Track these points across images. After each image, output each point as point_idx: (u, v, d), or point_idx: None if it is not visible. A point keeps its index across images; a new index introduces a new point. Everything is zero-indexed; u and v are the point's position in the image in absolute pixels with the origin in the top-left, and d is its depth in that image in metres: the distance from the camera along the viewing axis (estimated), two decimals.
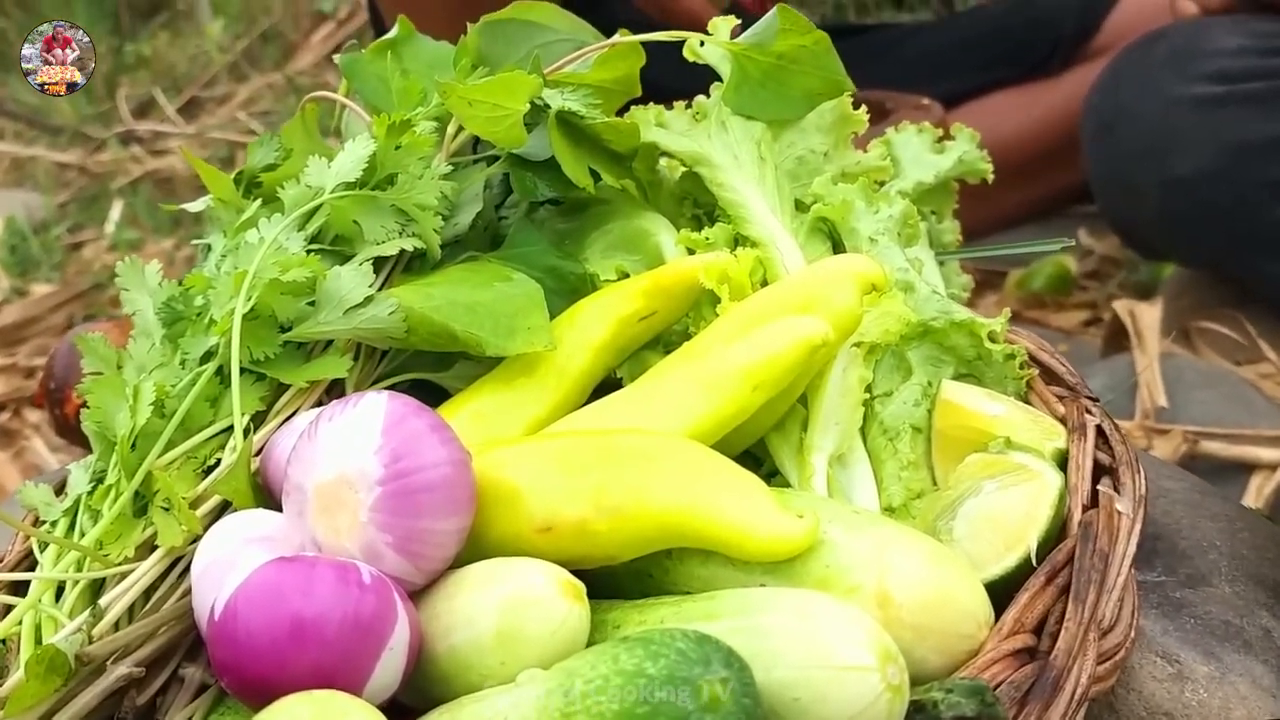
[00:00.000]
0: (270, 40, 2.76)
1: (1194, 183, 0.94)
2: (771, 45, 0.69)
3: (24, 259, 2.07)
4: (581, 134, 0.69)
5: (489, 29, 0.74)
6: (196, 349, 0.63)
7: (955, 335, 0.60)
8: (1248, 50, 0.96)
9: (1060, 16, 1.42)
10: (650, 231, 0.68)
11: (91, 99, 2.84)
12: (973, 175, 0.78)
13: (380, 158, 0.66)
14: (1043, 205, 1.50)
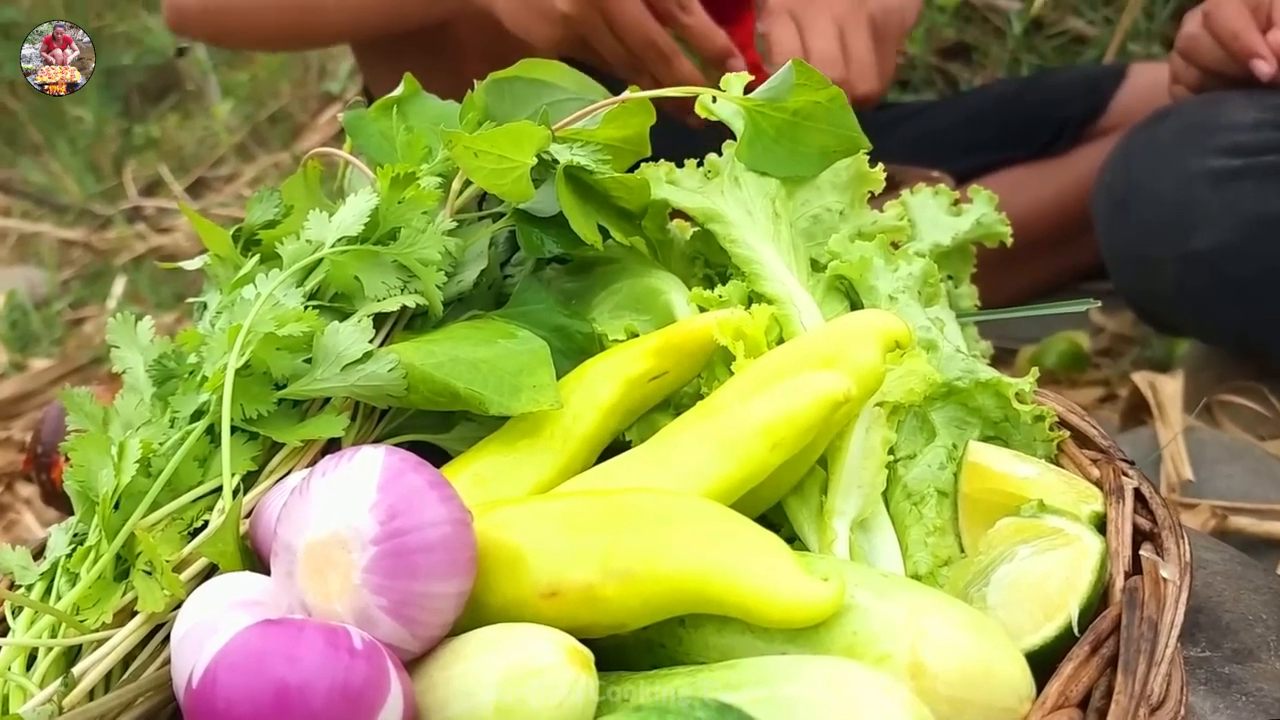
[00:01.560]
0: (278, 121, 2.78)
1: (1213, 257, 0.92)
2: (786, 101, 0.67)
3: (24, 334, 2.05)
4: (590, 190, 0.67)
5: (496, 86, 0.73)
6: (187, 406, 0.60)
7: (981, 396, 0.57)
8: (1263, 124, 0.95)
9: (1067, 96, 1.42)
10: (661, 290, 0.66)
11: (99, 178, 2.85)
12: (991, 239, 0.77)
13: (383, 212, 0.64)
14: (1053, 283, 1.48)
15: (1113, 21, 1.74)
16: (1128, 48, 1.72)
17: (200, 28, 1.28)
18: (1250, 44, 0.98)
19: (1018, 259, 1.42)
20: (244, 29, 1.27)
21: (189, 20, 1.25)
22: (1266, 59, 0.98)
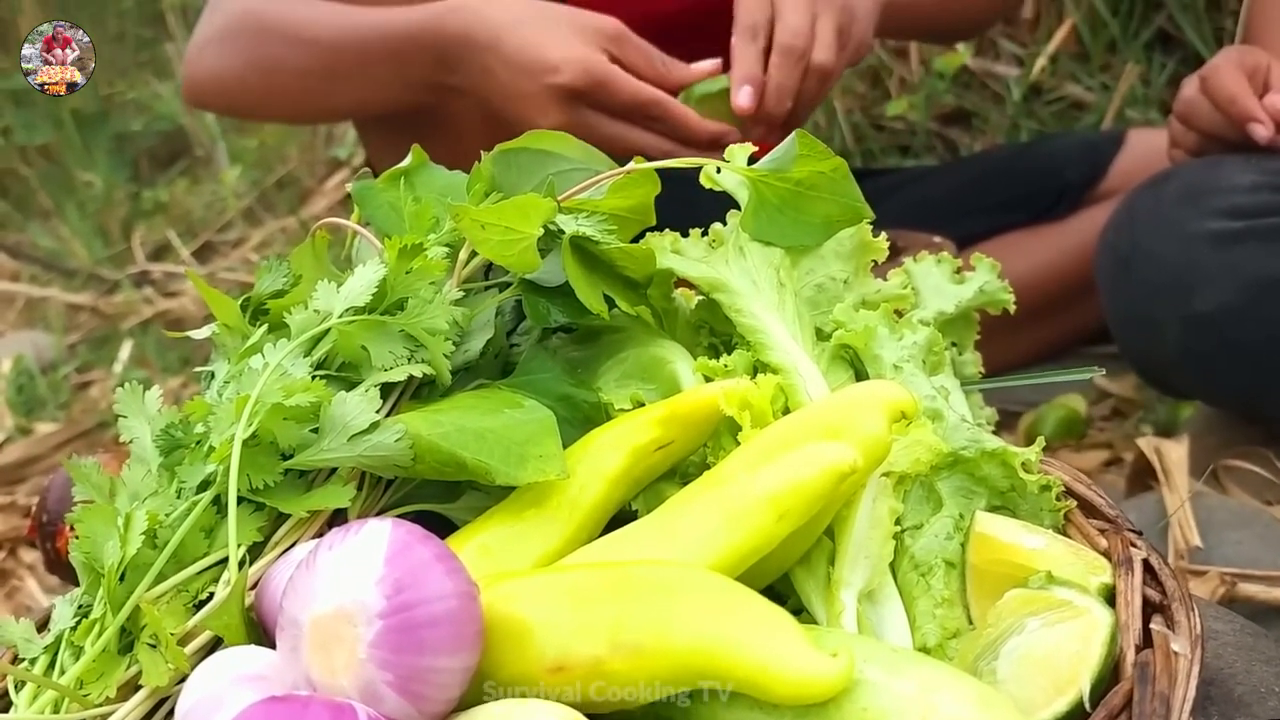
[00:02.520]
0: (285, 186, 2.81)
1: (1216, 319, 0.93)
2: (790, 172, 0.68)
3: (30, 398, 2.06)
4: (596, 260, 0.68)
5: (502, 158, 0.74)
6: (193, 477, 0.60)
7: (987, 465, 0.57)
8: (1261, 186, 0.96)
9: (1067, 161, 1.43)
10: (666, 359, 0.66)
11: (107, 243, 2.88)
12: (994, 306, 0.77)
13: (390, 282, 0.65)
14: (1055, 346, 1.49)
15: (1110, 87, 1.76)
16: (1125, 113, 1.74)
17: (217, 102, 1.31)
18: (1247, 108, 0.99)
19: (1021, 323, 1.43)
20: (258, 105, 1.30)
21: (206, 96, 1.28)
22: (1264, 123, 0.99)
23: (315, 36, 1.16)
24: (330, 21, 1.16)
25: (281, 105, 1.28)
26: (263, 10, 1.21)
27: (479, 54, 1.04)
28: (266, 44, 1.18)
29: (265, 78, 1.19)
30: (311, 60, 1.15)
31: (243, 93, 1.23)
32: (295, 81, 1.17)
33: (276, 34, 1.18)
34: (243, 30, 1.20)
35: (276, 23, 1.18)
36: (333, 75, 1.16)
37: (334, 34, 1.15)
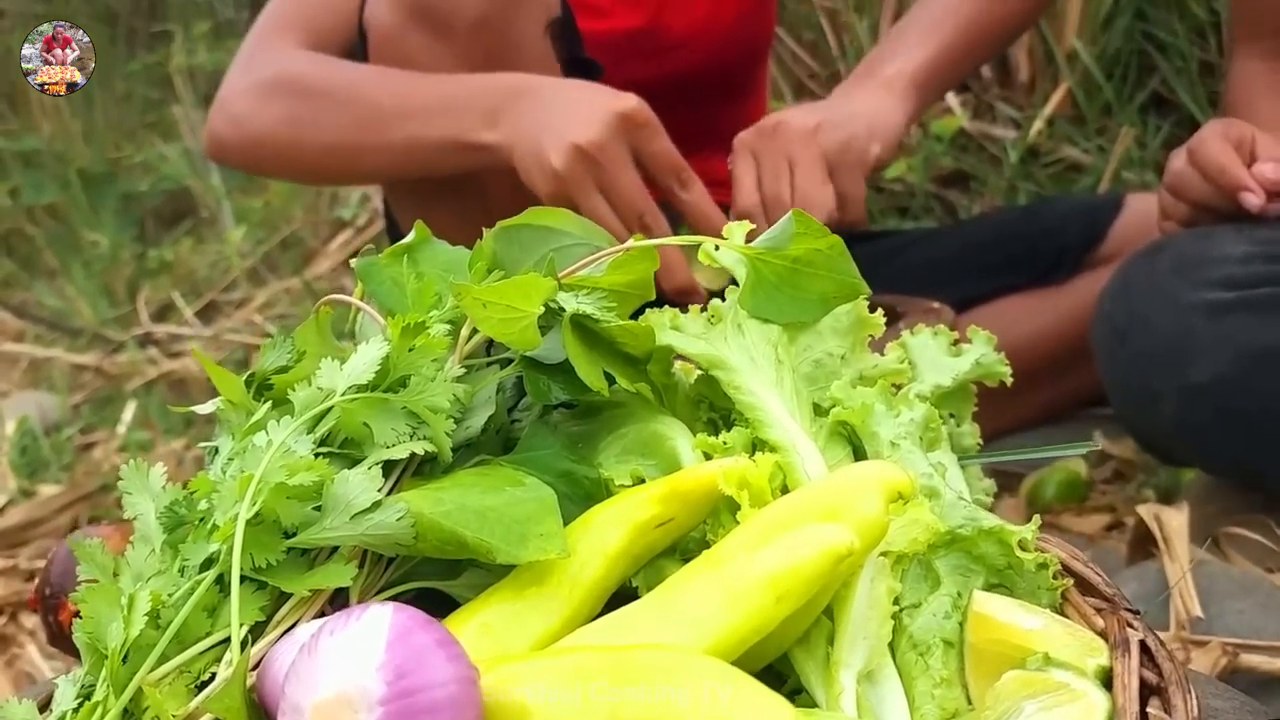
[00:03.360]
0: (290, 246, 2.84)
1: (1212, 390, 0.93)
2: (786, 249, 0.69)
3: (33, 460, 2.07)
4: (596, 337, 0.69)
5: (504, 234, 0.75)
6: (197, 555, 0.61)
7: (984, 544, 0.58)
8: (1253, 257, 0.97)
9: (1065, 225, 1.45)
10: (666, 436, 0.67)
11: (113, 303, 2.90)
12: (990, 378, 0.78)
13: (393, 360, 0.66)
14: (1056, 408, 1.49)
15: (1106, 150, 1.78)
16: (1122, 175, 1.76)
17: (240, 157, 1.32)
18: (1237, 178, 1.01)
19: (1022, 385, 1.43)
20: (284, 162, 1.31)
21: (229, 152, 1.30)
22: (1254, 191, 1.00)
23: (357, 93, 1.18)
24: (374, 79, 1.18)
25: (308, 163, 1.28)
26: (301, 71, 1.23)
27: (527, 98, 1.08)
28: (303, 101, 1.20)
29: (296, 133, 1.20)
30: (350, 117, 1.17)
31: (270, 148, 1.25)
32: (329, 138, 1.19)
33: (315, 92, 1.20)
34: (278, 88, 1.22)
35: (316, 82, 1.20)
36: (368, 132, 1.17)
37: (376, 91, 1.17)
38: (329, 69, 1.22)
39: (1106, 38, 1.81)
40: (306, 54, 1.25)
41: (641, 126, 1.05)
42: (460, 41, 1.14)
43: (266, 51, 1.27)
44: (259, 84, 1.24)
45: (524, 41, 1.18)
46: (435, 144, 1.14)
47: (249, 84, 1.25)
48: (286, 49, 1.26)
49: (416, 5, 1.14)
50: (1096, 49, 1.80)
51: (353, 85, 1.19)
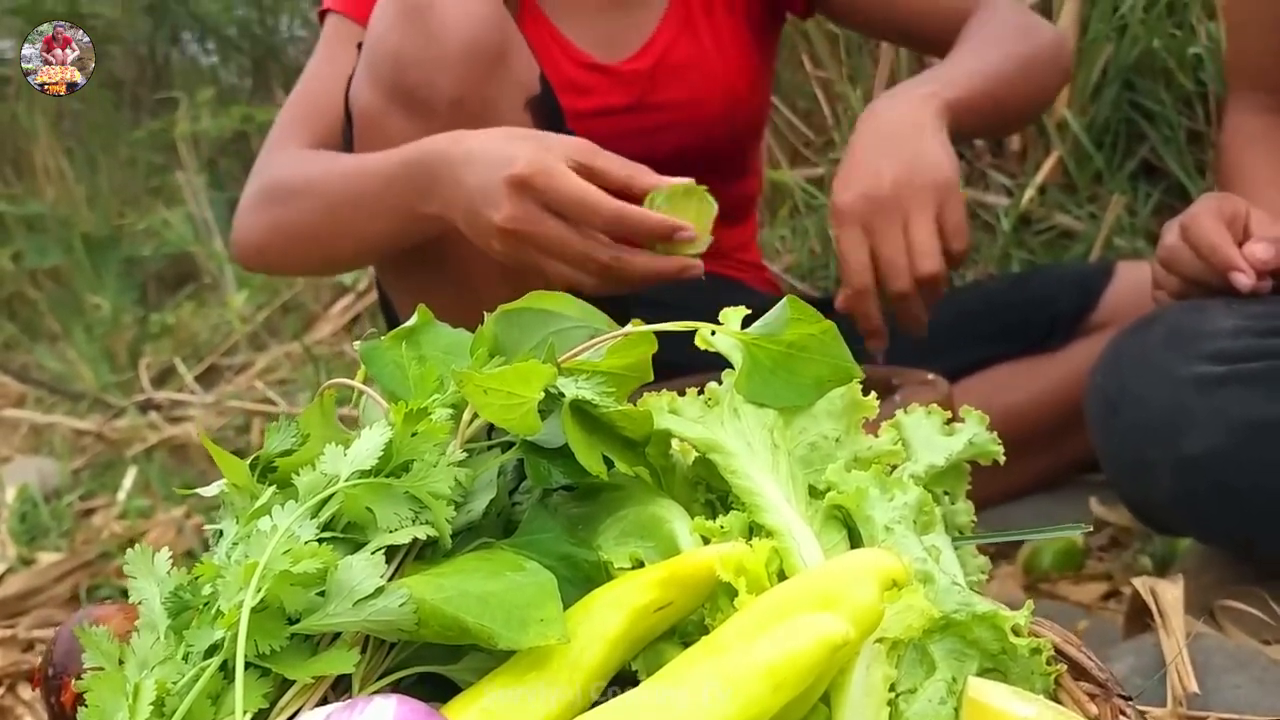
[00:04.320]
0: (291, 310, 2.86)
1: (1205, 462, 0.95)
2: (781, 334, 0.71)
3: (33, 526, 2.07)
4: (595, 421, 0.70)
5: (505, 318, 0.77)
6: (201, 642, 0.62)
7: (978, 628, 0.59)
8: (1243, 331, 0.99)
9: (1058, 293, 1.47)
10: (664, 519, 0.68)
11: (114, 367, 2.91)
12: (984, 457, 0.79)
13: (396, 445, 0.67)
14: (1052, 475, 1.50)
15: (1098, 217, 1.81)
16: (1113, 241, 1.78)
17: (259, 265, 1.38)
18: (1228, 257, 1.03)
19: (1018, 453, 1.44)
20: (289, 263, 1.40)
21: (250, 260, 1.35)
22: (1244, 271, 1.02)
23: (319, 189, 1.22)
24: (331, 170, 1.22)
25: (299, 260, 1.34)
26: (282, 173, 1.27)
27: (450, 170, 1.08)
28: (284, 204, 1.24)
29: (285, 236, 1.25)
30: (316, 212, 1.21)
31: (270, 253, 1.30)
32: (306, 234, 1.23)
33: (293, 193, 1.24)
34: (266, 196, 1.27)
35: (292, 183, 1.25)
36: (333, 223, 1.21)
37: (334, 181, 1.21)
38: (304, 166, 1.26)
39: (1095, 108, 1.84)
40: (294, 154, 1.30)
41: (539, 184, 1.02)
42: (440, 121, 1.16)
43: (269, 158, 1.32)
44: (255, 193, 1.30)
45: (503, 119, 1.19)
46: (387, 226, 1.17)
47: (250, 193, 1.31)
48: (285, 151, 1.31)
49: (396, 87, 1.16)
50: (1086, 119, 1.84)
51: (317, 179, 1.23)
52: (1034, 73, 1.31)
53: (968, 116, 1.23)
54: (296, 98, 1.38)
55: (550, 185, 1.02)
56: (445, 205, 1.10)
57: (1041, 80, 1.34)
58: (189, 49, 4.12)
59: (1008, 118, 1.41)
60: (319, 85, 1.36)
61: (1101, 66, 1.84)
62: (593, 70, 1.41)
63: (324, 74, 1.36)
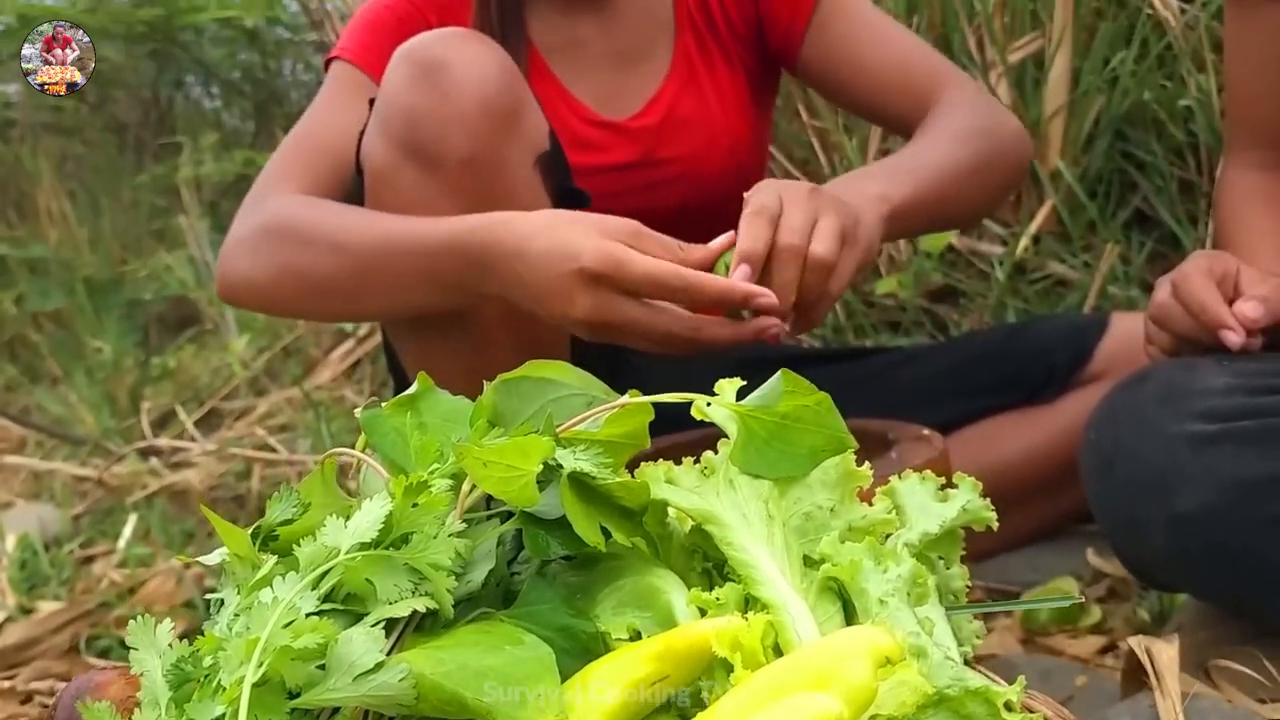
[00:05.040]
0: (292, 354, 2.87)
1: (1200, 520, 0.95)
2: (776, 406, 0.72)
3: (33, 574, 2.07)
4: (593, 492, 0.71)
5: (504, 387, 0.78)
6: (203, 715, 0.62)
7: (971, 704, 0.59)
8: (1235, 389, 1.00)
9: (1053, 345, 1.48)
10: (661, 590, 0.68)
11: (115, 411, 2.92)
12: (977, 523, 0.80)
13: (396, 517, 0.68)
14: (1048, 525, 1.51)
15: (1092, 266, 1.82)
16: (1108, 290, 1.79)
17: (250, 301, 1.32)
18: (1218, 316, 1.04)
19: (1015, 503, 1.46)
20: (290, 307, 1.35)
21: (239, 295, 1.30)
22: (1235, 329, 1.03)
23: (348, 244, 1.19)
24: (364, 230, 1.19)
25: (313, 307, 1.32)
26: (296, 216, 1.24)
27: (508, 262, 1.08)
28: (301, 250, 1.21)
29: (298, 282, 1.22)
30: (345, 268, 1.19)
31: (275, 294, 1.26)
32: (327, 285, 1.20)
33: (310, 241, 1.21)
34: (275, 234, 1.24)
35: (310, 230, 1.22)
36: (364, 282, 1.19)
37: (368, 243, 1.18)
38: (319, 212, 1.24)
39: (1088, 158, 1.86)
40: (301, 198, 1.28)
41: (612, 274, 1.03)
42: (451, 177, 1.18)
43: (265, 198, 1.30)
44: (254, 230, 1.26)
45: (514, 176, 1.21)
46: (430, 297, 1.16)
47: (246, 230, 1.27)
48: (285, 193, 1.29)
49: (409, 143, 1.18)
50: (1079, 169, 1.86)
51: (342, 234, 1.20)
52: (990, 174, 1.33)
53: (913, 218, 1.25)
54: (296, 140, 1.37)
55: (622, 273, 1.03)
56: (507, 289, 1.10)
57: (998, 180, 1.36)
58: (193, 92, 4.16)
59: (955, 219, 1.44)
60: (321, 130, 1.36)
61: (1094, 117, 1.86)
62: (600, 127, 1.43)
63: (327, 121, 1.37)
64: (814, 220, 1.08)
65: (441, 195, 1.18)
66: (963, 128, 1.32)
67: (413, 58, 1.18)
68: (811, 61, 1.46)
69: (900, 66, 1.42)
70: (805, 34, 1.44)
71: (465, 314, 1.23)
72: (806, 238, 1.07)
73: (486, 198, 1.19)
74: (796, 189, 1.10)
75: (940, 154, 1.29)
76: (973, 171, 1.30)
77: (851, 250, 1.11)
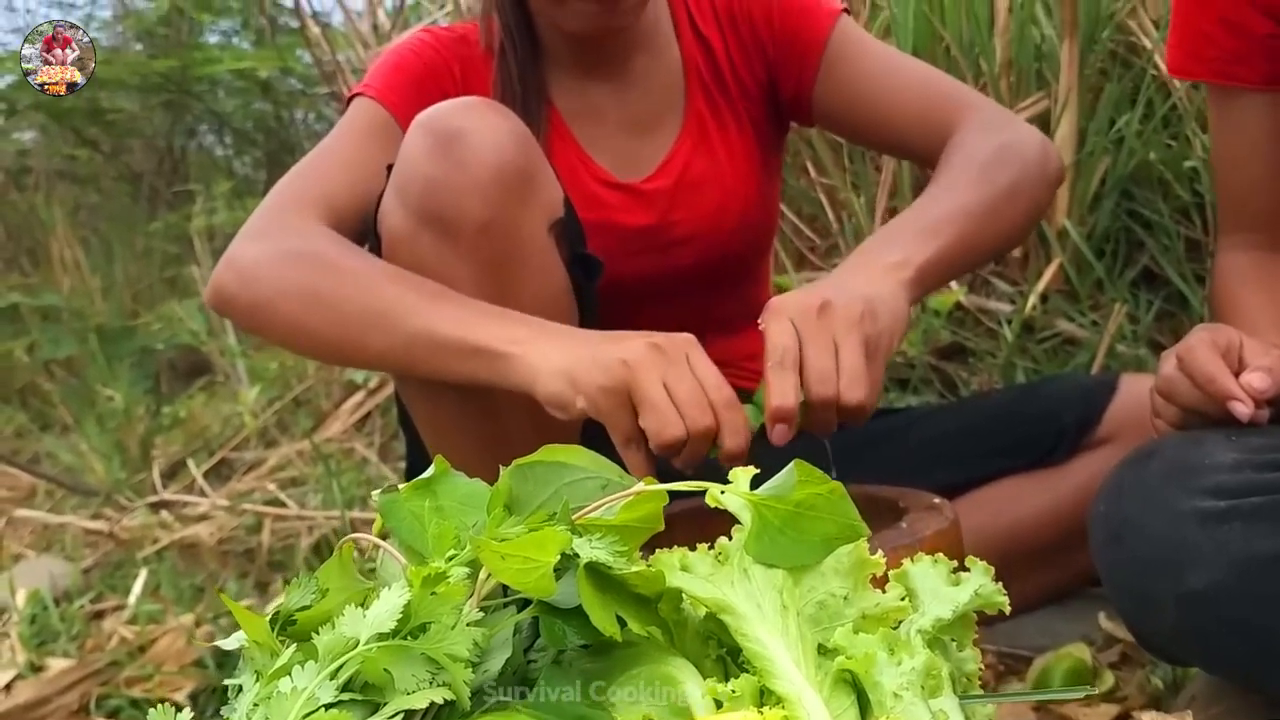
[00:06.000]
0: (302, 405, 2.89)
1: (1210, 597, 0.95)
2: (790, 495, 0.72)
3: (43, 630, 2.07)
4: (609, 580, 0.72)
5: (520, 472, 0.79)
6: None
7: None
8: (1243, 465, 1.00)
9: (1062, 407, 1.48)
10: (676, 679, 0.69)
11: (125, 460, 2.93)
12: (990, 607, 0.80)
13: (414, 607, 0.69)
14: (1060, 588, 1.51)
15: (1100, 325, 1.83)
16: (1116, 349, 1.80)
17: (243, 317, 1.29)
18: (1226, 388, 1.05)
19: (1024, 566, 1.46)
20: (285, 332, 1.27)
21: (234, 308, 1.27)
22: (1243, 401, 1.04)
23: (377, 282, 1.19)
24: (397, 276, 1.19)
25: (312, 336, 1.24)
26: (324, 249, 1.23)
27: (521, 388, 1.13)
28: (322, 277, 1.20)
29: (309, 305, 1.20)
30: (365, 302, 1.18)
31: (277, 314, 1.23)
32: (339, 317, 1.19)
33: (336, 271, 1.20)
34: (300, 259, 1.22)
35: (339, 262, 1.21)
36: (383, 319, 1.18)
37: (398, 285, 1.18)
38: (353, 255, 1.24)
39: (1095, 217, 1.88)
40: (331, 233, 1.27)
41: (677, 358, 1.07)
42: (467, 244, 1.19)
43: (287, 220, 1.28)
44: (280, 251, 1.24)
45: (529, 242, 1.22)
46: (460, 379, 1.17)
47: (268, 248, 1.25)
48: (309, 222, 1.28)
49: (426, 211, 1.19)
50: (1086, 228, 1.87)
51: (374, 275, 1.20)
52: (1017, 201, 1.30)
53: (940, 273, 1.24)
54: (315, 169, 1.36)
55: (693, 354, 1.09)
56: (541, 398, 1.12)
57: (1025, 205, 1.32)
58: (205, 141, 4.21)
59: (987, 257, 1.41)
60: (340, 165, 1.36)
61: (1100, 177, 1.87)
62: (615, 189, 1.45)
63: (347, 156, 1.37)
64: (835, 349, 1.09)
65: (458, 261, 1.20)
66: (983, 160, 1.30)
67: (431, 127, 1.20)
68: (825, 106, 1.47)
69: (914, 98, 1.42)
70: (815, 80, 1.45)
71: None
72: (835, 383, 1.07)
73: (502, 264, 1.21)
74: (807, 311, 1.10)
75: (961, 197, 1.27)
76: (997, 207, 1.28)
77: (876, 359, 1.11)
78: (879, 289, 1.14)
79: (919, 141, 1.42)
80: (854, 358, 1.07)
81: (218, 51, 3.58)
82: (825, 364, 1.07)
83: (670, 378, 1.06)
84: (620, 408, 1.06)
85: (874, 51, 1.45)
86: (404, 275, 1.20)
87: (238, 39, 3.86)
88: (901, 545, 1.05)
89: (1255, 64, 1.21)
